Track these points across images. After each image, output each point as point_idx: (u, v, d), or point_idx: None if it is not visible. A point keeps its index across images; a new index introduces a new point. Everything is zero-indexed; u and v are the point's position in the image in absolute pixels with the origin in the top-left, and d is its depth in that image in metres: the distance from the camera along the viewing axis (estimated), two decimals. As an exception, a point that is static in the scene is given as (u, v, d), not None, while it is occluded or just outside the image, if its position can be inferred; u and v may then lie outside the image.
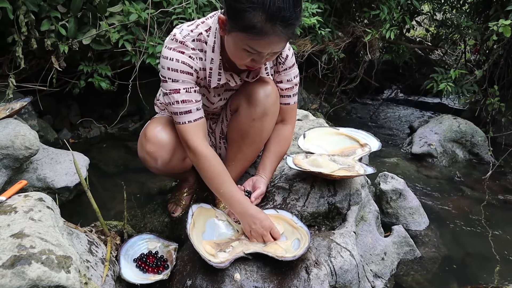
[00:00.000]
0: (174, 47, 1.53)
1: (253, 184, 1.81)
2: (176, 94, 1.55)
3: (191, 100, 1.57)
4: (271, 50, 1.41)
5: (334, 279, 1.52)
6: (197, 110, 1.59)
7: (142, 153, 1.72)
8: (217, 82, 1.62)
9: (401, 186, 2.24)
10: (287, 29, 1.35)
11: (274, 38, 1.36)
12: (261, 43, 1.37)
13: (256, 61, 1.47)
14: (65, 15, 2.67)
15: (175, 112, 1.58)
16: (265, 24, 1.31)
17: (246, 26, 1.34)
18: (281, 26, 1.33)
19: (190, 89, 1.56)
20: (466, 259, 2.05)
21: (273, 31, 1.33)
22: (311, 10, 3.40)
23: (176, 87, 1.54)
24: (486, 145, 3.34)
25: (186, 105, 1.56)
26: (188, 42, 1.54)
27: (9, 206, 1.29)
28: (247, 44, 1.39)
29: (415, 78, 5.29)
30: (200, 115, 1.61)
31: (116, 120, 3.32)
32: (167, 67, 1.53)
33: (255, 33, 1.34)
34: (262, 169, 1.84)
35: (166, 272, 1.57)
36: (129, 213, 2.12)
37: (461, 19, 3.72)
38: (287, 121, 1.87)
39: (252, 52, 1.41)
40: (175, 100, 1.55)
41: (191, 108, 1.57)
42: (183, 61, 1.53)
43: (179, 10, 2.85)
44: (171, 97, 1.56)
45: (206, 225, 1.66)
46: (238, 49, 1.44)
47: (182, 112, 1.57)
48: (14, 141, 1.94)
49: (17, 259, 1.07)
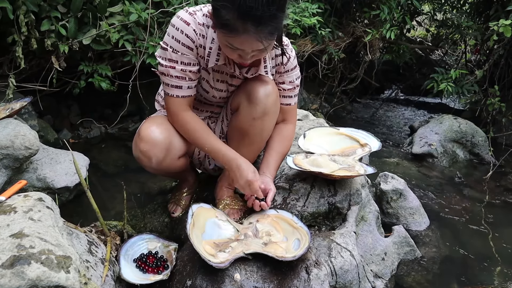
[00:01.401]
0: (183, 16, 1.55)
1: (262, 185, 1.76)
2: (172, 69, 1.58)
3: (184, 77, 1.60)
4: (250, 48, 1.41)
5: (334, 279, 1.52)
6: (188, 88, 1.63)
7: (136, 152, 1.72)
8: (215, 62, 1.62)
9: (402, 186, 2.24)
10: (259, 28, 1.33)
11: (247, 37, 1.36)
12: (237, 41, 1.39)
13: (242, 57, 1.47)
14: (65, 15, 2.66)
15: (166, 83, 1.62)
16: (237, 22, 1.32)
17: (221, 24, 1.37)
18: (252, 26, 1.32)
19: (187, 66, 1.59)
20: (466, 259, 2.05)
21: (245, 30, 1.33)
22: (311, 10, 3.40)
23: (174, 58, 1.57)
24: (486, 145, 3.34)
25: (178, 81, 1.60)
26: (198, 15, 1.56)
27: (9, 206, 1.29)
28: (226, 40, 1.41)
29: (415, 78, 5.30)
30: (190, 93, 1.65)
31: (116, 120, 3.32)
32: (171, 35, 1.56)
33: (228, 30, 1.36)
34: (266, 168, 1.80)
35: (166, 272, 1.57)
36: (129, 213, 2.12)
37: (462, 19, 3.72)
38: (289, 120, 1.87)
39: (233, 48, 1.43)
40: (170, 74, 1.59)
41: (183, 84, 1.61)
42: (186, 34, 1.54)
43: (179, 10, 2.85)
44: (166, 70, 1.59)
45: (206, 225, 1.65)
46: (223, 45, 1.47)
47: (173, 86, 1.61)
48: (14, 141, 1.94)
49: (17, 259, 1.07)
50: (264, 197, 1.71)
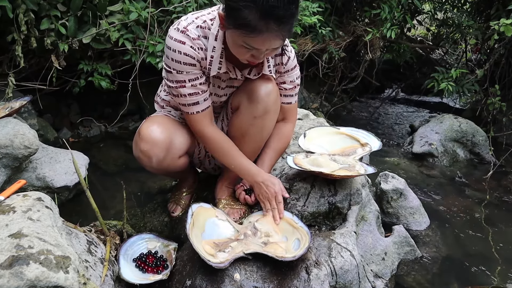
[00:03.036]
0: (176, 36, 1.53)
1: None
2: (182, 88, 1.58)
3: (197, 92, 1.60)
4: (268, 46, 1.42)
5: (334, 279, 1.52)
6: (204, 100, 1.63)
7: (136, 152, 1.72)
8: (217, 71, 1.61)
9: (402, 186, 2.23)
10: (281, 26, 1.35)
11: (269, 36, 1.36)
12: (256, 40, 1.38)
13: (256, 56, 1.47)
14: (65, 14, 2.66)
15: (182, 104, 1.62)
16: (259, 22, 1.32)
17: (240, 24, 1.35)
18: (275, 24, 1.33)
19: (196, 80, 1.58)
20: (467, 259, 2.04)
21: (267, 29, 1.34)
22: (311, 9, 3.38)
23: (181, 78, 1.56)
24: (487, 144, 3.33)
25: (193, 98, 1.60)
26: (191, 30, 1.53)
27: (8, 205, 1.28)
28: (244, 41, 1.40)
29: (416, 77, 5.29)
30: (207, 105, 1.66)
31: (116, 119, 3.32)
32: (171, 58, 1.54)
33: (249, 30, 1.35)
34: (261, 165, 1.82)
35: (165, 272, 1.56)
36: (128, 213, 2.12)
37: (462, 18, 3.71)
38: (288, 119, 1.87)
39: (249, 48, 1.42)
40: (182, 94, 1.59)
41: (198, 99, 1.61)
42: (185, 53, 1.53)
43: (179, 9, 2.85)
44: (177, 91, 1.59)
45: (206, 225, 1.65)
46: (236, 46, 1.45)
47: (190, 104, 1.61)
48: (14, 140, 1.93)
49: (15, 259, 1.06)
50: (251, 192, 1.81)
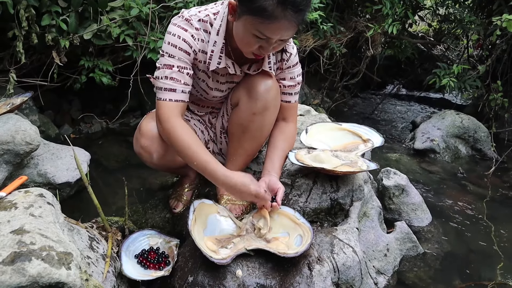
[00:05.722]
0: (179, 23, 1.55)
1: (270, 185, 1.69)
2: (168, 69, 1.55)
3: (180, 80, 1.56)
4: (280, 36, 1.41)
5: (336, 275, 1.51)
6: (182, 92, 1.57)
7: (137, 147, 1.72)
8: (216, 65, 1.60)
9: (404, 182, 2.23)
10: (297, 14, 1.35)
11: (284, 23, 1.36)
12: (271, 28, 1.37)
13: (264, 48, 1.46)
14: (66, 10, 2.66)
15: (159, 87, 1.57)
16: (276, 8, 1.32)
17: (257, 9, 1.34)
18: (292, 11, 1.33)
19: (183, 69, 1.56)
20: (469, 255, 2.04)
21: (284, 16, 1.34)
22: (313, 5, 3.37)
23: (170, 62, 1.55)
24: (489, 140, 3.32)
25: (172, 83, 1.55)
26: (194, 21, 1.55)
27: (9, 202, 1.28)
28: (257, 28, 1.39)
29: (417, 73, 5.28)
30: (183, 98, 1.58)
31: (118, 116, 3.31)
32: (168, 41, 1.55)
33: (265, 16, 1.34)
34: (272, 167, 1.76)
35: (167, 268, 1.56)
36: (130, 209, 2.12)
37: (464, 14, 3.70)
38: (289, 119, 1.85)
39: (261, 38, 1.41)
40: (165, 75, 1.55)
41: (176, 87, 1.56)
42: (184, 39, 1.54)
43: (180, 5, 2.84)
44: (162, 71, 1.56)
45: (208, 221, 1.65)
46: (247, 35, 1.43)
47: (167, 89, 1.56)
48: (15, 136, 1.93)
49: (17, 255, 1.06)
50: (273, 197, 1.67)
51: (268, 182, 1.69)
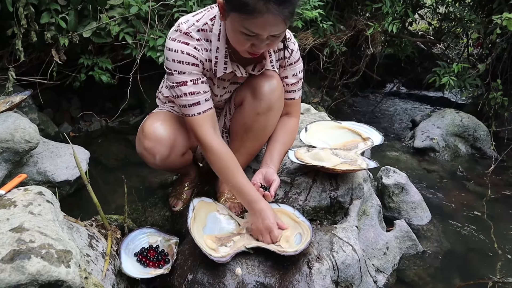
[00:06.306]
0: (179, 38, 1.51)
1: (266, 177, 1.72)
2: (184, 86, 1.53)
3: (199, 91, 1.55)
4: (269, 31, 1.37)
5: (336, 273, 1.51)
6: (205, 101, 1.57)
7: (140, 149, 1.71)
8: (223, 71, 1.59)
9: (403, 181, 2.23)
10: (281, 7, 1.31)
11: (268, 17, 1.31)
12: (256, 23, 1.34)
13: (256, 45, 1.43)
14: (65, 8, 2.65)
15: (183, 105, 1.56)
16: (258, 2, 1.29)
17: (239, 5, 1.32)
18: (274, 4, 1.29)
19: (197, 80, 1.54)
20: (468, 253, 2.04)
21: (267, 9, 1.30)
22: (313, 3, 3.37)
23: (183, 79, 1.52)
24: (488, 139, 3.32)
25: (194, 97, 1.54)
26: (193, 32, 1.52)
27: (9, 200, 1.28)
28: (243, 25, 1.36)
29: (417, 72, 5.26)
30: (209, 106, 1.58)
31: (117, 114, 3.31)
32: (172, 59, 1.51)
33: (248, 12, 1.31)
34: (270, 159, 1.77)
35: (167, 266, 1.56)
36: (129, 207, 2.12)
37: (464, 13, 3.69)
38: (292, 114, 1.85)
39: (250, 35, 1.38)
40: (183, 93, 1.53)
41: (200, 99, 1.55)
42: (188, 53, 1.50)
43: (180, 3, 2.83)
44: (179, 90, 1.54)
45: (207, 219, 1.65)
46: (236, 33, 1.41)
47: (191, 104, 1.55)
48: (14, 134, 1.93)
49: (17, 253, 1.06)
50: (267, 187, 1.68)
51: (264, 174, 1.72)
